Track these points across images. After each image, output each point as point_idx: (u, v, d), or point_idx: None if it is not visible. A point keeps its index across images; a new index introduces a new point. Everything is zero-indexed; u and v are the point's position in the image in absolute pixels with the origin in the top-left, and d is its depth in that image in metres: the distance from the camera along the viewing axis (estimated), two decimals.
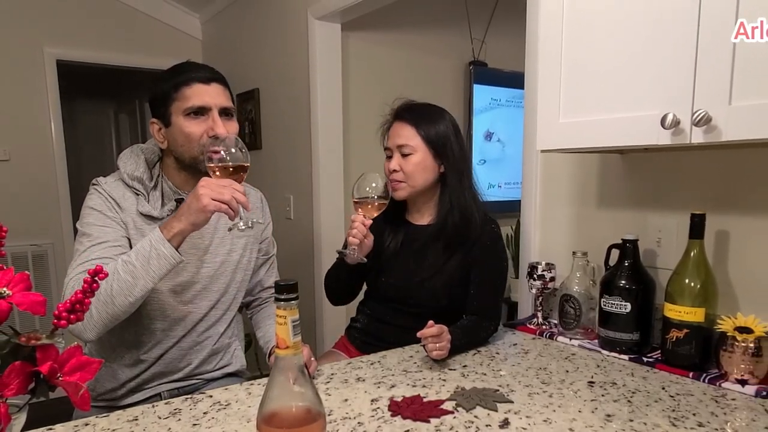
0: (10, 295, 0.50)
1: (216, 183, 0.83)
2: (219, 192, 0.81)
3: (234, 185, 0.83)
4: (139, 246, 0.84)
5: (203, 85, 0.93)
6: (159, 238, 0.83)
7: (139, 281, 0.83)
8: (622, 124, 0.81)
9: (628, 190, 1.11)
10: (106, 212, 0.93)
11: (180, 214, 0.84)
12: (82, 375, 0.52)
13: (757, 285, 0.92)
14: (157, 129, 0.97)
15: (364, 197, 1.02)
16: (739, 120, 0.67)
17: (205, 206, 0.81)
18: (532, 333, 1.15)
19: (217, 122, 0.92)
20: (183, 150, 0.94)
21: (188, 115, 0.92)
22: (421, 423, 0.72)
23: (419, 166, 1.08)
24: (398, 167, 1.09)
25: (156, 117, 0.97)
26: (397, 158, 1.09)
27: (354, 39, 2.15)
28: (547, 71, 0.91)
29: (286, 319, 0.49)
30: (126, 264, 0.83)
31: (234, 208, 0.82)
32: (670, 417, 0.73)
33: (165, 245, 0.83)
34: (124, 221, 0.94)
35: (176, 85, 0.93)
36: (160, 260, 0.83)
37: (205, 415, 0.76)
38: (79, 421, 0.74)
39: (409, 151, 1.08)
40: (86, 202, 0.95)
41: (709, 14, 0.69)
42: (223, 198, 0.81)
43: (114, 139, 4.24)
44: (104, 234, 0.91)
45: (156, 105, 0.96)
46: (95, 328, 0.84)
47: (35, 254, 2.51)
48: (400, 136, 1.09)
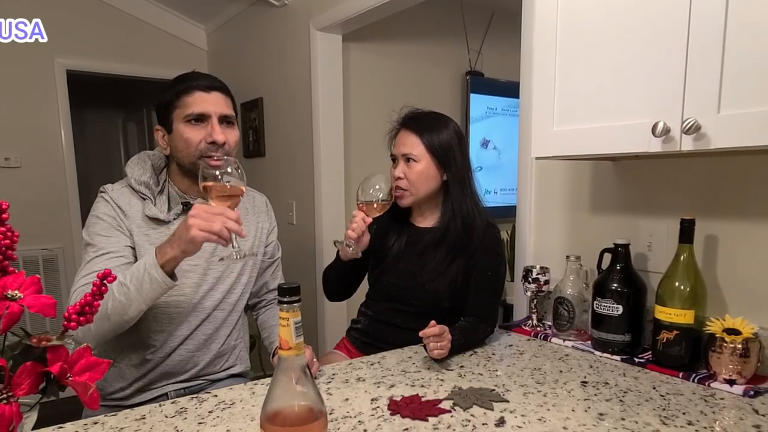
0: (21, 298, 0.50)
1: (207, 212, 0.79)
2: (209, 223, 0.78)
3: (226, 213, 0.79)
4: (135, 268, 0.84)
5: (204, 93, 0.95)
6: (152, 263, 0.82)
7: (133, 303, 0.83)
8: (614, 132, 0.82)
9: (620, 196, 1.13)
10: (111, 221, 0.94)
11: (173, 240, 0.82)
12: (91, 375, 0.53)
13: (744, 288, 0.93)
14: (161, 136, 1.00)
15: (368, 200, 1.04)
16: (728, 128, 0.68)
17: (193, 237, 0.78)
18: (527, 334, 1.16)
19: (215, 129, 0.94)
20: (182, 155, 0.96)
21: (188, 121, 0.94)
22: (419, 422, 0.73)
23: (422, 175, 1.10)
24: (402, 174, 1.10)
25: (160, 124, 1.00)
26: (401, 166, 1.11)
27: (355, 50, 2.18)
28: (541, 81, 0.92)
29: (288, 321, 0.50)
30: (121, 285, 0.83)
31: (225, 237, 0.79)
32: (660, 416, 0.74)
33: (157, 271, 0.81)
34: (130, 229, 0.95)
35: (178, 93, 0.95)
36: (152, 285, 0.82)
37: (210, 414, 0.77)
38: (88, 420, 0.75)
39: (414, 159, 1.09)
40: (93, 210, 0.97)
41: (698, 25, 0.70)
42: (212, 229, 0.78)
43: (122, 146, 4.28)
44: (109, 244, 0.92)
45: (160, 112, 0.99)
46: (94, 339, 0.85)
47: (46, 258, 2.53)
48: (405, 145, 1.10)
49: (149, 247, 0.96)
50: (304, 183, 2.18)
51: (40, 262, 2.52)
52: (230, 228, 0.80)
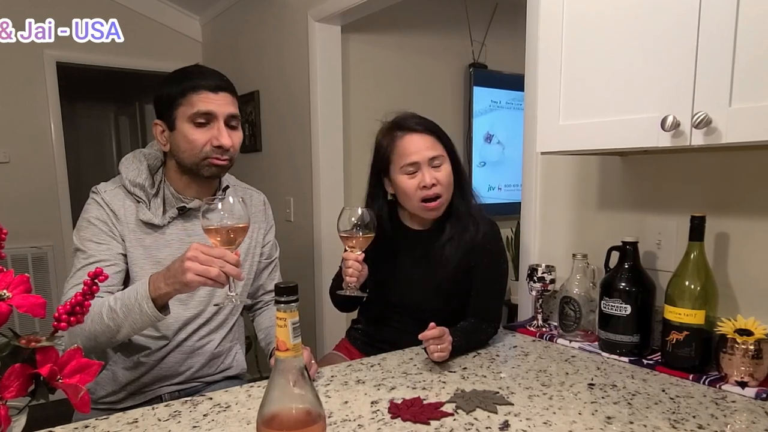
0: (10, 298, 0.50)
1: (206, 254, 0.75)
2: (206, 268, 0.74)
3: (226, 257, 0.76)
4: (126, 295, 0.82)
5: (211, 93, 0.91)
6: (145, 294, 0.80)
7: (122, 330, 0.82)
8: (622, 126, 0.81)
9: (628, 192, 1.11)
10: (103, 227, 0.92)
11: (168, 276, 0.79)
12: (82, 377, 0.52)
13: (757, 287, 0.92)
14: (160, 131, 0.96)
15: (349, 229, 0.96)
16: (740, 122, 0.67)
17: (188, 282, 0.75)
18: (532, 335, 1.15)
19: (222, 132, 0.92)
20: (185, 156, 0.93)
21: (193, 121, 0.91)
22: (420, 425, 0.72)
23: (450, 177, 1.04)
24: (436, 180, 1.01)
25: (160, 119, 0.96)
26: (430, 171, 1.01)
27: (354, 41, 2.15)
28: (546, 73, 0.91)
29: (286, 322, 0.49)
30: (111, 311, 0.81)
31: (222, 282, 0.76)
32: (670, 419, 0.73)
33: (148, 304, 0.80)
34: (123, 234, 0.93)
35: (184, 90, 0.91)
36: (142, 316, 0.81)
37: (205, 418, 0.76)
38: (78, 423, 0.74)
39: (440, 162, 1.02)
40: (84, 212, 0.94)
41: (709, 15, 0.69)
42: (209, 275, 0.75)
43: (114, 141, 4.24)
44: (100, 252, 0.90)
45: (161, 107, 0.95)
46: (84, 351, 0.84)
47: (35, 256, 2.50)
48: (428, 149, 1.01)
49: (142, 253, 0.94)
50: (301, 179, 2.16)
51: (29, 260, 2.48)
52: (228, 272, 0.76)
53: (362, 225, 0.96)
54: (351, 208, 0.98)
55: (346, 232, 0.97)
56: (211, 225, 0.78)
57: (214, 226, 0.78)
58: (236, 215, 0.79)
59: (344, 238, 0.97)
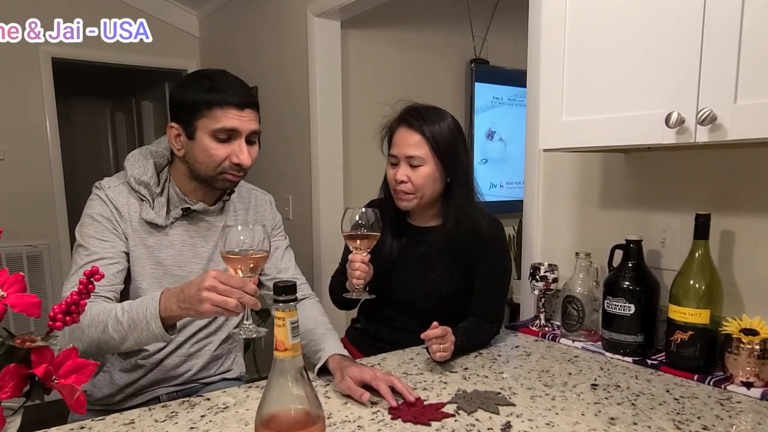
0: (4, 297, 0.49)
1: (225, 283, 0.72)
2: (224, 298, 0.72)
3: (246, 287, 0.73)
4: (135, 308, 0.80)
5: (237, 110, 0.89)
6: (154, 312, 0.77)
7: (126, 342, 0.81)
8: (626, 122, 0.80)
9: (632, 190, 1.11)
10: (106, 224, 0.90)
11: (182, 299, 0.76)
12: (78, 377, 0.52)
13: (762, 286, 0.91)
14: (176, 134, 0.92)
15: (354, 230, 0.96)
16: (745, 119, 0.67)
17: (204, 312, 0.73)
18: (535, 335, 1.14)
19: (242, 150, 0.90)
20: (201, 167, 0.91)
21: (215, 136, 0.89)
22: (421, 426, 0.71)
23: (429, 179, 1.03)
24: (406, 178, 1.03)
25: (177, 123, 0.92)
26: (405, 168, 1.03)
27: (354, 37, 2.14)
28: (549, 69, 0.90)
29: (284, 321, 0.49)
30: (117, 323, 0.79)
31: (239, 312, 0.74)
32: (674, 420, 0.73)
33: (156, 323, 0.77)
34: (126, 232, 0.91)
35: (209, 103, 0.88)
36: (148, 333, 0.79)
37: (203, 419, 0.75)
38: (74, 424, 0.74)
39: (418, 163, 1.02)
40: (87, 207, 0.92)
41: (714, 11, 0.68)
42: (227, 306, 0.72)
43: (110, 137, 4.22)
44: (102, 250, 0.89)
45: (180, 112, 0.91)
46: (83, 356, 0.83)
47: (30, 255, 2.48)
48: (410, 146, 1.02)
49: (144, 252, 0.93)
50: (300, 176, 2.15)
51: (24, 259, 2.46)
52: (245, 302, 0.73)
53: (367, 225, 0.95)
54: (355, 209, 0.97)
55: (350, 233, 0.96)
56: (232, 253, 0.75)
57: (235, 254, 0.75)
58: (257, 241, 0.76)
59: (349, 239, 0.97)
